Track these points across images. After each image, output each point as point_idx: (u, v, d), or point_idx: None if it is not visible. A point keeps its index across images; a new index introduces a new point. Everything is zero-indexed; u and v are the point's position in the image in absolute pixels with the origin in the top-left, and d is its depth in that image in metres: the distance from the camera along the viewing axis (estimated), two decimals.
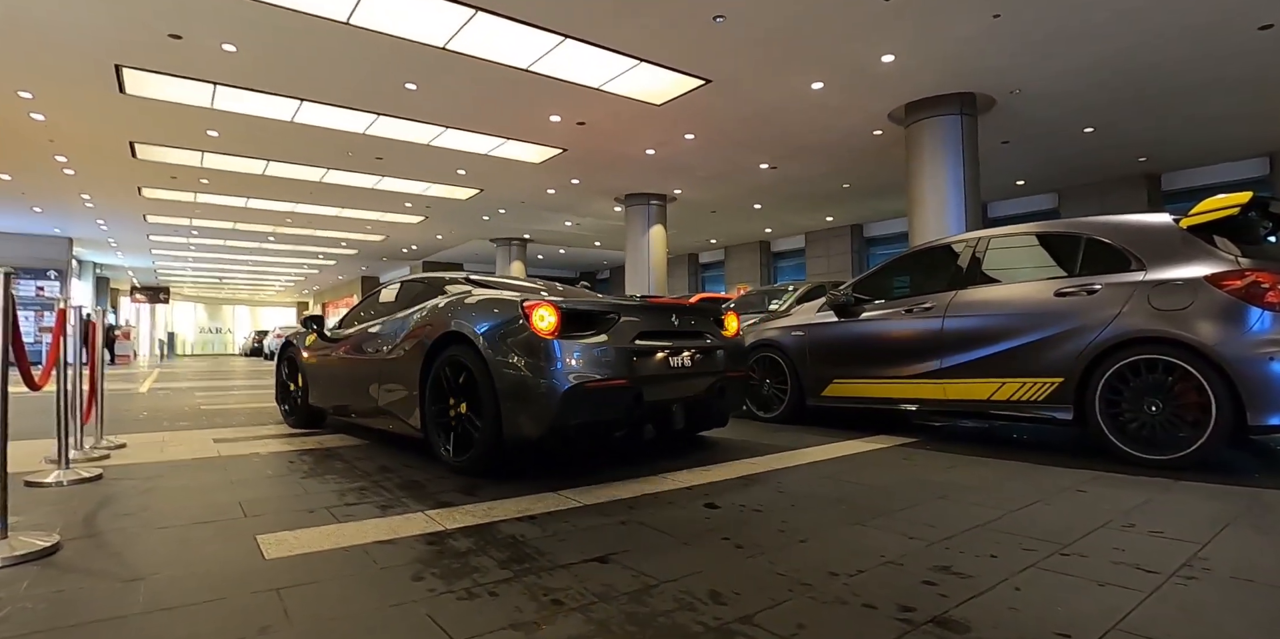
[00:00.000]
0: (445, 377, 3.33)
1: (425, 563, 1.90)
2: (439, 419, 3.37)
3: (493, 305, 3.26)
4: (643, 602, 1.59)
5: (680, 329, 3.57)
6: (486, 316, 3.20)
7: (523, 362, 2.97)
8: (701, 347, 3.56)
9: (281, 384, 5.32)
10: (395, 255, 25.25)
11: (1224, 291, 3.05)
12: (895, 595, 1.60)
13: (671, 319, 3.55)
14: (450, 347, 3.33)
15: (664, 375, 3.32)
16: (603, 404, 3.06)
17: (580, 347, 3.04)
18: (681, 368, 3.41)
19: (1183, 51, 8.16)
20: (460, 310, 3.39)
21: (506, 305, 3.17)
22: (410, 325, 3.74)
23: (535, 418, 2.91)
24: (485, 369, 3.06)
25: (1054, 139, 11.60)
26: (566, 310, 3.08)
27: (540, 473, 3.18)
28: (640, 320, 3.34)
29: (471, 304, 3.39)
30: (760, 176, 13.94)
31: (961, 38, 7.76)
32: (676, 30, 7.50)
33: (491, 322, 3.15)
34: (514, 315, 3.07)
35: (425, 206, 16.67)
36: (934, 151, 9.66)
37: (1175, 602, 1.56)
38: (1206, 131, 11.38)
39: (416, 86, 9.08)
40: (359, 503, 2.64)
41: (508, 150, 12.10)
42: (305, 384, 4.87)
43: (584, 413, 3.00)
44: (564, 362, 2.96)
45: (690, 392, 3.46)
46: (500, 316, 3.14)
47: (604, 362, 3.08)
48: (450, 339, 3.34)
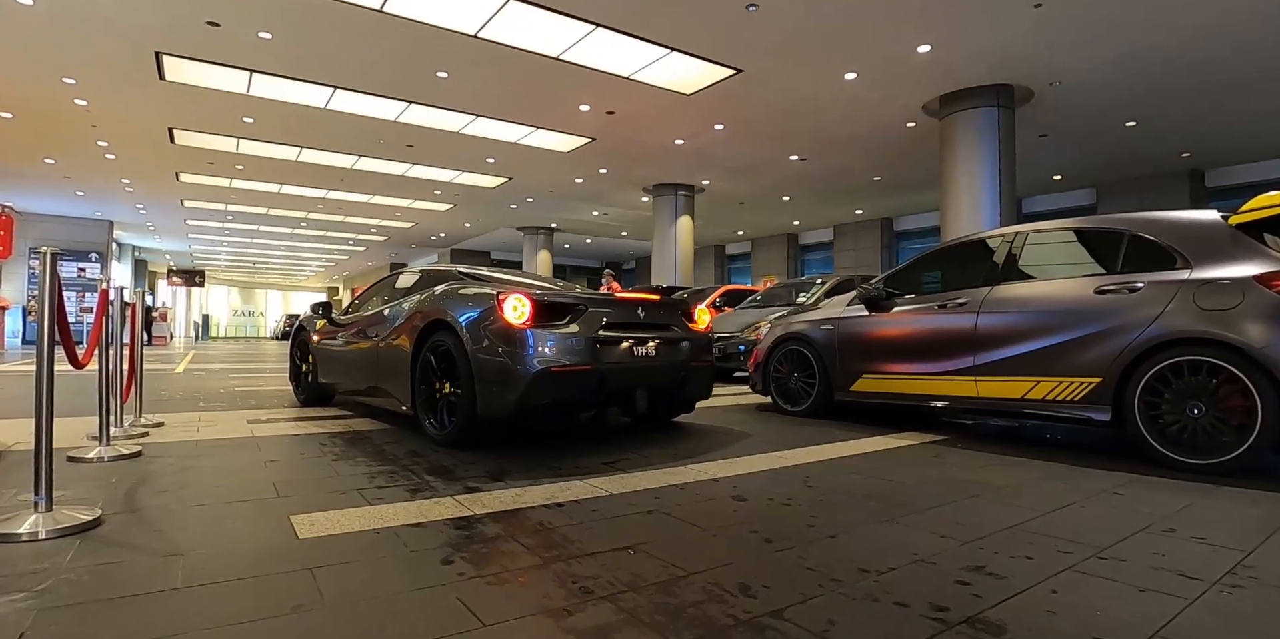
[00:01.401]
0: (432, 360, 3.72)
1: (455, 547, 1.92)
2: (426, 397, 3.76)
3: (472, 297, 3.62)
4: (672, 592, 1.58)
5: (646, 321, 3.86)
6: (467, 306, 3.55)
7: (496, 347, 3.31)
8: (666, 338, 3.87)
9: (294, 364, 5.79)
10: (424, 242, 25.50)
11: (1275, 292, 2.95)
12: (928, 594, 1.58)
13: (638, 312, 3.84)
14: (437, 333, 3.69)
15: (627, 363, 3.61)
16: (568, 387, 3.38)
17: (549, 335, 3.37)
18: (645, 356, 3.71)
19: (1231, 43, 7.88)
20: (446, 301, 3.77)
21: (483, 297, 3.52)
22: (405, 314, 4.10)
23: (506, 397, 3.25)
24: (465, 353, 3.41)
25: (1093, 133, 11.30)
26: (538, 302, 3.41)
27: (565, 460, 3.19)
28: (607, 312, 3.65)
29: (455, 295, 3.77)
30: (790, 168, 13.79)
31: (1001, 28, 7.57)
32: (708, 19, 7.42)
33: (471, 311, 3.49)
34: (489, 306, 3.40)
35: (454, 194, 16.79)
36: (969, 145, 9.47)
37: (1219, 610, 1.52)
38: (1254, 126, 11.00)
39: (448, 75, 9.11)
40: (389, 486, 2.67)
41: (537, 139, 12.11)
42: (315, 364, 5.30)
43: (551, 394, 3.32)
44: (534, 348, 3.29)
45: (653, 379, 3.80)
46: (478, 307, 3.48)
47: (570, 349, 3.39)
48: (437, 326, 3.70)
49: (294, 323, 6.74)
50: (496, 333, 3.33)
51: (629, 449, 3.56)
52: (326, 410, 5.12)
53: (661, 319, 3.96)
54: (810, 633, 1.37)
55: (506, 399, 3.25)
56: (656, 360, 3.76)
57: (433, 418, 3.69)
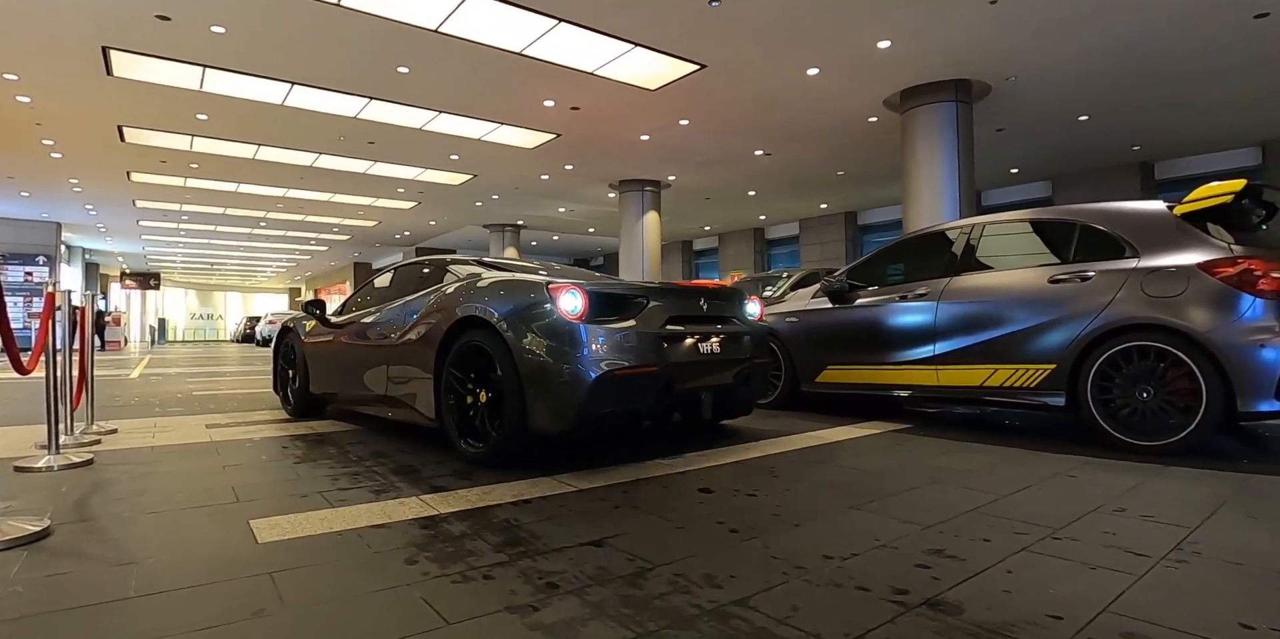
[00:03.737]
0: (463, 363, 3.17)
1: (419, 547, 1.90)
2: (456, 408, 3.19)
3: (515, 288, 3.10)
4: (638, 585, 1.59)
5: (709, 314, 3.43)
6: (509, 300, 3.02)
7: (548, 348, 2.80)
8: (730, 332, 3.42)
9: (280, 371, 5.13)
10: (388, 241, 25.12)
11: (1217, 279, 3.06)
12: (889, 578, 1.61)
13: (700, 303, 3.41)
14: (468, 332, 3.14)
15: (693, 362, 3.18)
16: (632, 393, 2.92)
17: (608, 332, 2.88)
18: (710, 354, 3.27)
19: (1178, 40, 8.13)
20: (479, 293, 3.22)
21: (530, 288, 3.00)
22: (423, 309, 3.55)
23: (561, 407, 2.76)
24: (508, 356, 2.88)
25: (1048, 127, 11.58)
26: (594, 294, 2.93)
27: (536, 458, 3.18)
28: (669, 304, 3.21)
29: (491, 287, 3.23)
30: (755, 163, 13.88)
31: (958, 23, 7.70)
32: (672, 14, 7.42)
33: (514, 305, 2.97)
34: (539, 299, 2.90)
35: (418, 192, 16.56)
36: (929, 138, 9.63)
37: (1165, 585, 1.57)
38: (1200, 120, 11.38)
39: (409, 70, 8.97)
40: (352, 488, 2.63)
41: (501, 135, 12.00)
42: (305, 372, 4.66)
43: (612, 402, 2.86)
44: (592, 348, 2.81)
45: (719, 379, 3.35)
46: (524, 300, 2.96)
47: (633, 348, 2.93)
48: (468, 324, 3.16)
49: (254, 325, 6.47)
50: (550, 330, 2.83)
51: (596, 445, 3.56)
52: (294, 417, 5.02)
53: (723, 310, 3.55)
54: (774, 619, 1.38)
55: (564, 409, 2.75)
56: (721, 357, 3.32)
57: (467, 434, 3.13)
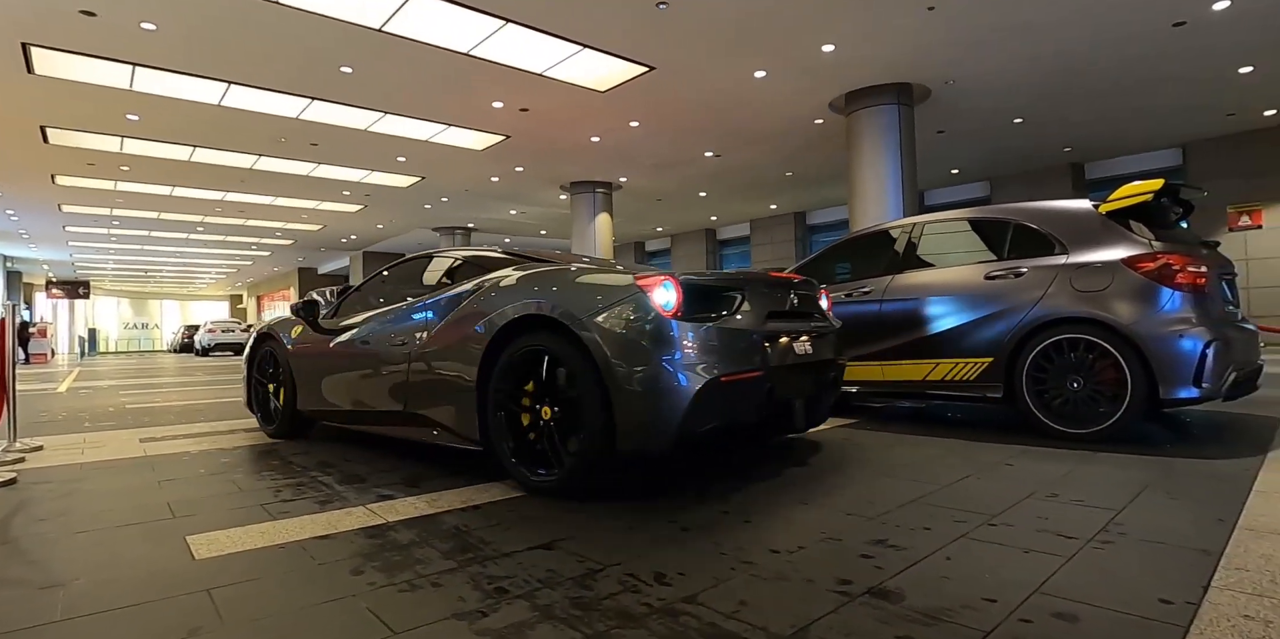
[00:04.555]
0: (518, 373, 2.64)
1: (366, 557, 1.86)
2: (508, 427, 2.65)
3: (593, 281, 2.66)
4: (587, 586, 1.59)
5: (799, 308, 3.06)
6: (587, 295, 2.54)
7: (641, 351, 2.34)
8: (818, 329, 3.07)
9: (256, 386, 4.34)
10: (334, 245, 24.51)
11: (1138, 273, 3.22)
12: (834, 569, 1.65)
13: (790, 296, 3.03)
14: (527, 335, 2.62)
15: (790, 365, 2.77)
16: (737, 402, 2.53)
17: (710, 331, 2.47)
18: (805, 355, 2.88)
19: (1103, 47, 8.53)
20: (543, 289, 2.72)
21: (614, 280, 2.58)
22: (457, 310, 2.99)
23: (659, 422, 2.30)
24: (586, 362, 2.39)
25: (986, 129, 12.00)
26: (689, 286, 2.51)
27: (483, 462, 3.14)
28: (766, 297, 2.83)
29: (560, 280, 2.75)
30: (705, 164, 14.01)
31: (898, 29, 7.92)
32: (619, 16, 7.44)
33: (594, 302, 2.48)
34: (628, 293, 2.44)
35: (364, 195, 16.20)
36: (873, 140, 9.87)
37: (1092, 565, 1.65)
38: (1126, 123, 11.95)
39: (352, 70, 8.78)
40: (296, 499, 2.56)
41: (449, 137, 11.84)
42: (292, 386, 3.94)
43: (717, 414, 2.44)
44: (694, 350, 2.39)
45: (811, 384, 3.00)
46: (607, 295, 2.49)
47: (737, 349, 2.54)
48: (526, 326, 2.64)
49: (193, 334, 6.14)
50: (643, 331, 2.37)
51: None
52: (230, 424, 4.85)
53: (809, 305, 3.18)
54: (722, 614, 1.40)
55: (662, 425, 2.30)
56: (814, 358, 2.94)
57: (528, 459, 2.60)
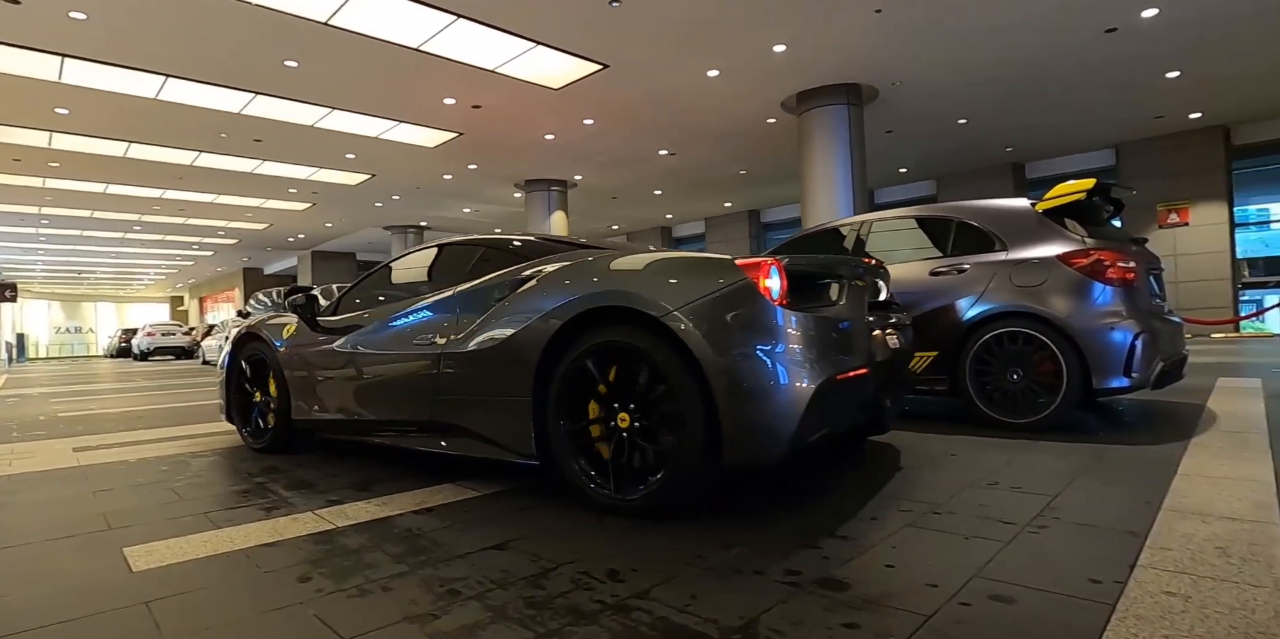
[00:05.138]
0: (585, 374, 2.29)
1: (314, 563, 1.83)
2: (574, 438, 2.31)
3: (684, 266, 2.30)
4: (540, 585, 1.59)
5: (887, 298, 2.90)
6: (679, 282, 2.20)
7: (753, 347, 2.02)
8: (901, 320, 2.87)
9: (238, 394, 3.83)
10: (280, 244, 23.82)
11: (1073, 269, 3.37)
12: (784, 561, 1.68)
13: (878, 284, 2.84)
14: (598, 330, 2.27)
15: (885, 360, 2.53)
16: (847, 404, 2.29)
17: (821, 323, 2.19)
18: (895, 349, 2.66)
19: (1040, 52, 8.85)
20: (622, 275, 2.35)
21: (710, 264, 2.23)
22: (507, 302, 2.59)
23: (774, 429, 1.99)
24: (683, 360, 2.05)
25: (932, 129, 12.33)
26: (793, 272, 2.19)
27: (436, 464, 3.10)
28: (863, 285, 2.59)
29: (644, 266, 2.36)
30: (660, 162, 14.06)
31: (847, 30, 8.08)
32: (572, 13, 7.40)
33: (690, 289, 2.13)
34: (732, 279, 2.11)
35: (312, 192, 15.79)
36: (824, 140, 10.05)
37: (1029, 548, 1.72)
38: (1063, 125, 12.43)
39: (298, 64, 8.54)
40: (241, 506, 2.49)
41: (400, 133, 11.62)
42: (285, 393, 3.49)
43: (832, 417, 2.18)
44: (808, 345, 2.09)
45: (899, 381, 2.79)
46: (705, 282, 2.14)
47: (850, 343, 2.30)
48: (600, 319, 2.28)
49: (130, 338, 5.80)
50: (751, 323, 2.05)
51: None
52: (171, 431, 4.68)
53: (890, 296, 3.01)
54: (673, 608, 1.42)
55: (777, 431, 1.98)
56: (902, 352, 2.74)
57: (600, 474, 2.24)
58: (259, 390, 3.72)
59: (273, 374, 3.57)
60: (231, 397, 3.87)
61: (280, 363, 3.53)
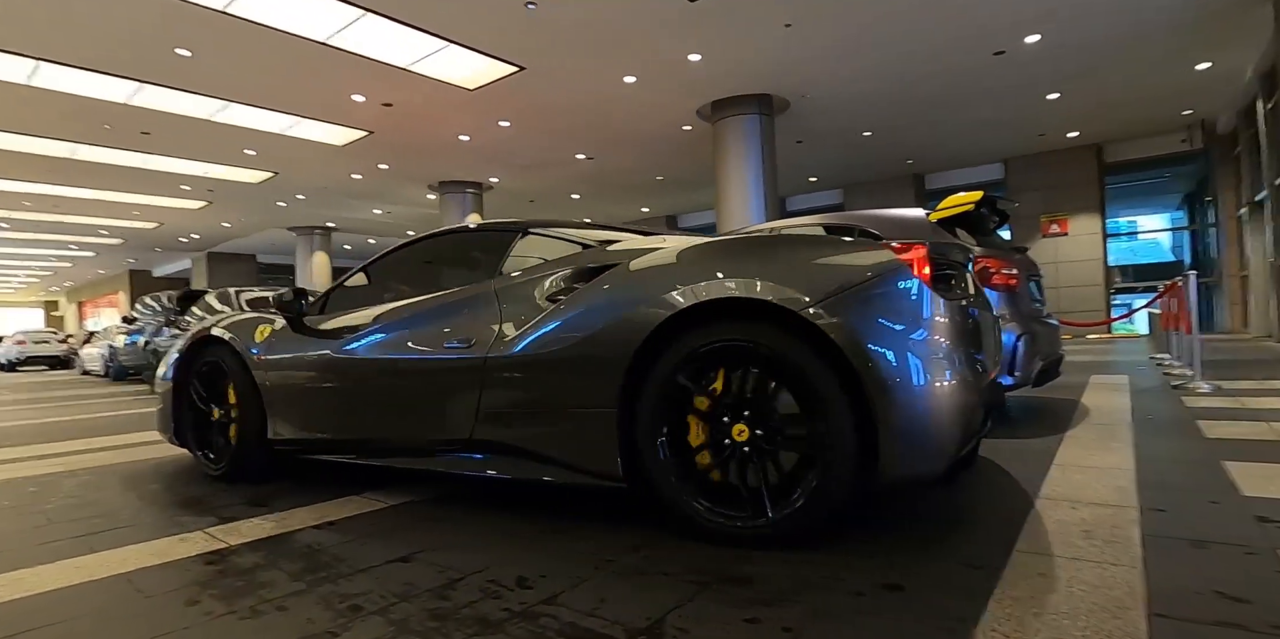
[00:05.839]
0: (699, 378, 1.95)
1: (202, 585, 1.72)
2: (681, 455, 1.95)
3: (824, 248, 2.02)
4: (446, 596, 1.56)
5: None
6: (818, 270, 1.89)
7: (917, 345, 1.78)
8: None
9: (189, 410, 3.22)
10: (172, 245, 22.31)
11: None
12: (691, 562, 1.72)
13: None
14: (707, 327, 1.92)
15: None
16: (987, 408, 2.04)
17: (977, 317, 2.01)
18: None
19: (934, 71, 9.43)
20: (743, 263, 1.99)
21: (855, 247, 1.95)
22: (581, 295, 2.20)
23: (944, 438, 1.76)
24: (825, 361, 1.76)
25: (838, 140, 12.89)
26: (938, 259, 1.95)
27: (340, 476, 2.98)
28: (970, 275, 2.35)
29: (770, 252, 2.02)
30: (578, 166, 14.06)
31: (759, 43, 8.34)
32: (487, 14, 7.32)
33: (833, 278, 1.84)
34: (885, 267, 1.84)
35: (207, 190, 14.88)
36: (737, 148, 10.33)
37: (919, 538, 1.82)
38: (957, 140, 13.26)
39: (191, 53, 8.05)
40: (122, 527, 2.32)
41: (305, 130, 11.14)
42: (259, 408, 2.93)
43: (982, 422, 1.99)
44: (969, 342, 1.92)
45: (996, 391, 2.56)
46: (850, 269, 1.86)
47: (992, 340, 2.11)
48: (713, 312, 1.92)
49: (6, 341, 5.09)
50: (915, 317, 1.81)
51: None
52: (42, 448, 4.29)
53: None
54: (581, 613, 1.42)
55: (946, 440, 1.76)
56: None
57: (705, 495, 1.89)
58: (219, 407, 3.13)
59: (235, 386, 3.00)
60: (182, 413, 3.23)
61: (253, 373, 2.94)
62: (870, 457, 1.72)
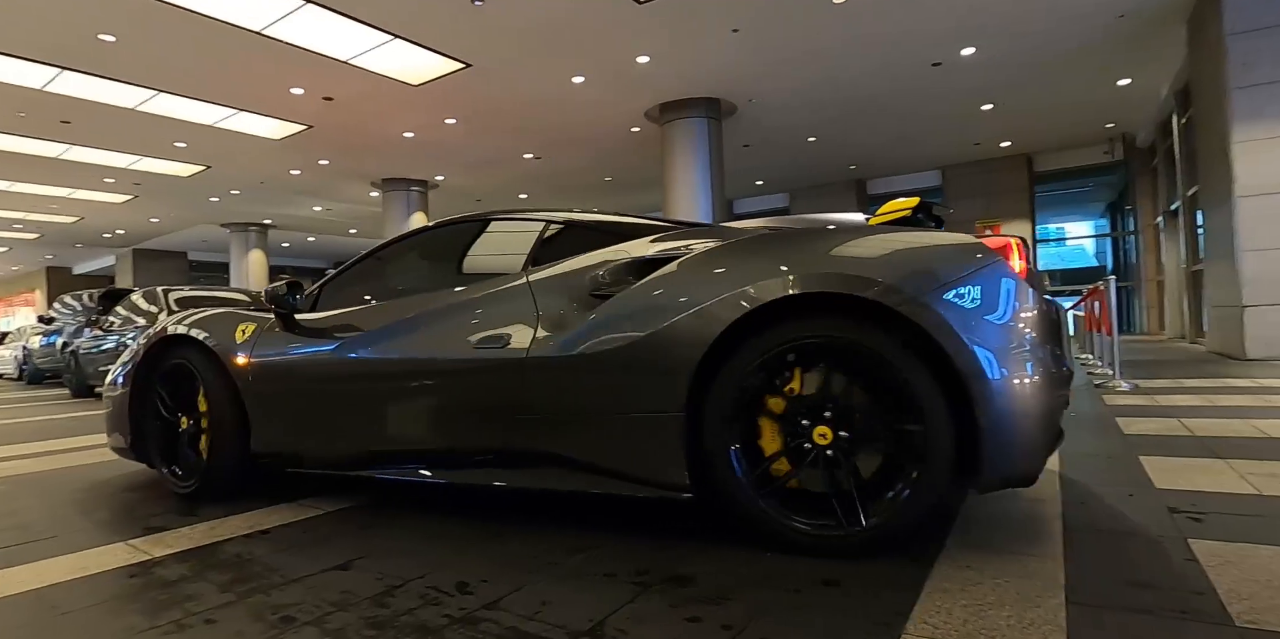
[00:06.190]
0: (779, 378, 1.84)
1: (124, 599, 1.64)
2: (758, 461, 1.83)
3: (920, 243, 1.89)
4: (385, 604, 1.53)
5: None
6: (919, 262, 1.80)
7: (1021, 343, 1.73)
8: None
9: (155, 422, 2.84)
10: (94, 241, 21.17)
11: None
12: (633, 562, 1.73)
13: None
14: (787, 323, 1.80)
15: None
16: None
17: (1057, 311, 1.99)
18: None
19: (875, 81, 9.71)
20: (825, 252, 1.90)
21: (949, 241, 1.86)
22: (638, 289, 2.02)
23: (1040, 439, 1.73)
24: (921, 358, 1.69)
25: (784, 145, 13.14)
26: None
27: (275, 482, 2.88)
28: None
29: (863, 242, 1.92)
30: (525, 166, 13.94)
31: (706, 47, 8.43)
32: (433, 9, 7.19)
33: (935, 270, 1.75)
34: (982, 260, 1.78)
35: (133, 183, 14.18)
36: (685, 151, 10.42)
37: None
38: (898, 147, 13.67)
39: (116, 38, 7.66)
40: (37, 541, 2.18)
41: (240, 123, 10.73)
42: (238, 419, 2.61)
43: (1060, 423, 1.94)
44: (1060, 340, 1.90)
45: None
46: (953, 263, 1.78)
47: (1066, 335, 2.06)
48: (794, 308, 1.80)
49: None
50: (1017, 314, 1.74)
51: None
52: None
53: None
54: (523, 617, 1.41)
55: (1040, 442, 1.74)
56: None
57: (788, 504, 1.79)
58: (188, 416, 2.77)
59: (208, 392, 2.64)
60: (145, 424, 2.85)
61: (237, 377, 2.60)
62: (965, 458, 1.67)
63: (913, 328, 1.68)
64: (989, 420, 1.63)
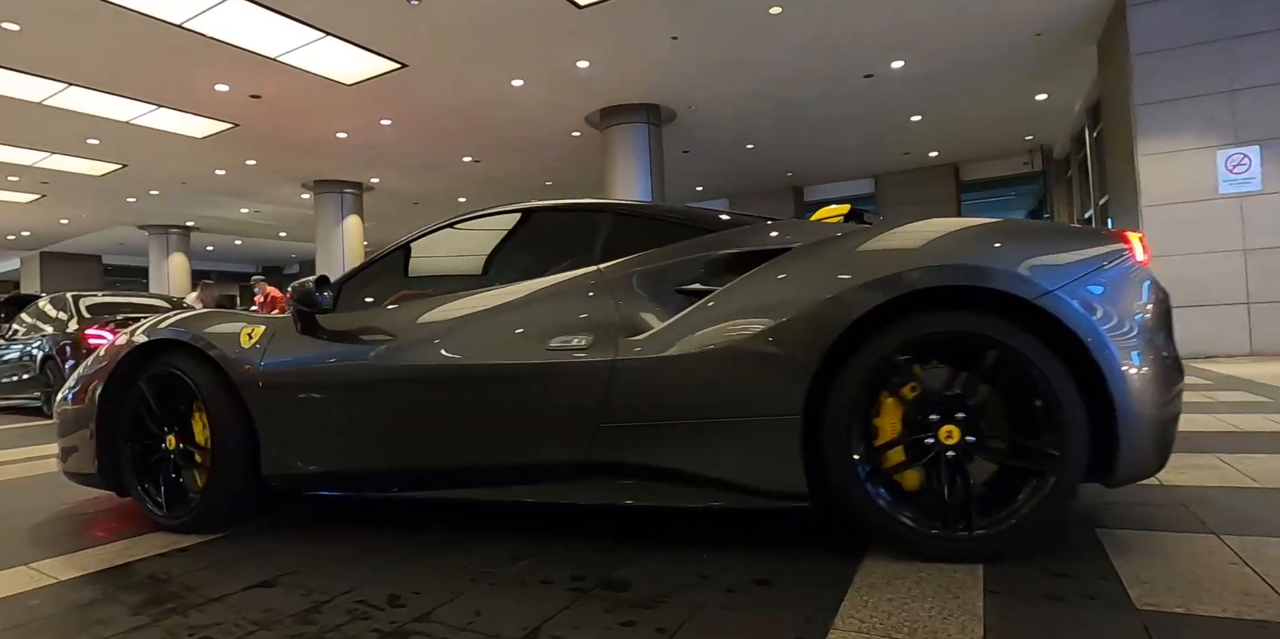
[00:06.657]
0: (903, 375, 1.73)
1: (23, 626, 1.54)
2: (880, 464, 1.73)
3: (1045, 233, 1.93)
4: (311, 620, 1.48)
5: None
6: (1053, 253, 1.73)
7: (1151, 337, 1.69)
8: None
9: (134, 443, 2.41)
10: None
11: None
12: (569, 569, 1.72)
13: None
14: (910, 319, 1.69)
15: None
16: None
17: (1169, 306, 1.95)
18: None
19: (809, 91, 9.98)
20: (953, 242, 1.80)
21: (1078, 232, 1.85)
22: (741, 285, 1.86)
23: (1168, 436, 1.70)
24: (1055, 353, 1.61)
25: (723, 152, 13.35)
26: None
27: None
28: None
29: (981, 232, 1.84)
30: (464, 169, 13.75)
31: (646, 53, 8.50)
32: (367, 7, 7.03)
33: (1069, 262, 1.69)
34: (1113, 251, 1.74)
35: (40, 182, 13.32)
36: (625, 156, 10.48)
37: (795, 535, 1.91)
38: (832, 156, 14.07)
39: (20, 27, 7.19)
40: None
41: (159, 119, 10.22)
42: (244, 436, 2.22)
43: None
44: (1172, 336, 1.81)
45: None
46: (1084, 254, 1.73)
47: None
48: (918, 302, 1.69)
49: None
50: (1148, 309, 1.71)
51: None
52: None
53: None
54: (455, 628, 1.39)
55: (1167, 440, 1.70)
56: None
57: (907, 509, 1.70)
58: (177, 436, 2.36)
59: (208, 407, 2.24)
60: (120, 445, 2.41)
61: (243, 387, 2.22)
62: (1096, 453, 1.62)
63: (1051, 322, 1.61)
64: (1128, 416, 1.58)
